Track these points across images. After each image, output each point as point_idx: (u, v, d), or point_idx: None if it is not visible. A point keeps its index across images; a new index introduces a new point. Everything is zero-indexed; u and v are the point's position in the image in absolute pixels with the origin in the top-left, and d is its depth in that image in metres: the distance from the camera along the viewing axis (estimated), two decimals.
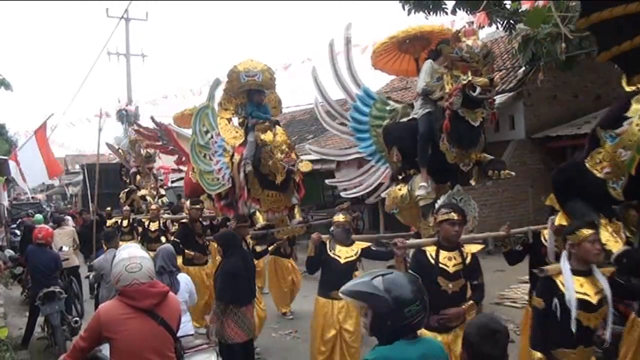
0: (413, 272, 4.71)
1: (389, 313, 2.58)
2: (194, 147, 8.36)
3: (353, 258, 6.30)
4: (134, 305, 3.50)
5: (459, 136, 6.00)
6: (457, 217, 4.69)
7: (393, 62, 7.37)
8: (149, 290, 3.56)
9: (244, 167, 7.78)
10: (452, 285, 4.69)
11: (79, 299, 9.68)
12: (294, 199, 8.25)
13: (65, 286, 8.45)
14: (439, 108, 6.26)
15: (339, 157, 7.67)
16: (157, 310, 3.56)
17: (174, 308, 3.73)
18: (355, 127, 7.03)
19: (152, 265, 3.73)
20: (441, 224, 4.76)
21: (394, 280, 2.63)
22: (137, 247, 3.89)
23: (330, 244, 6.31)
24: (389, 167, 6.93)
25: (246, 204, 8.04)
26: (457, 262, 4.74)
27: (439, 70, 6.22)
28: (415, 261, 4.81)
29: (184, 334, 4.45)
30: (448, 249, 4.77)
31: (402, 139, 6.50)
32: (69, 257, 10.23)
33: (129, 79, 27.46)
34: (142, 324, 3.49)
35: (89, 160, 30.86)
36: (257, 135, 7.90)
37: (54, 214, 17.70)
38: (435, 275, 4.68)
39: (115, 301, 3.58)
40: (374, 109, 6.89)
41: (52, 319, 7.48)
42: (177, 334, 3.76)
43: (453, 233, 4.69)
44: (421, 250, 4.86)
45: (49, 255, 8.13)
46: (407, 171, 6.49)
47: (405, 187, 6.44)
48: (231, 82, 8.25)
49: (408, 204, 6.41)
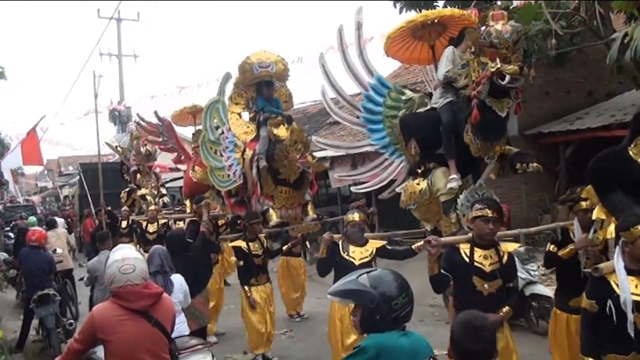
0: (445, 272, 4.42)
1: (377, 307, 2.68)
2: (204, 143, 8.12)
3: (368, 259, 5.91)
4: (128, 307, 3.49)
5: (485, 127, 5.62)
6: (491, 214, 4.33)
7: (406, 49, 6.94)
8: (142, 291, 3.56)
9: (257, 162, 7.48)
10: (488, 285, 4.34)
11: (74, 301, 9.71)
12: (307, 195, 7.95)
13: (60, 288, 8.39)
14: (461, 97, 5.87)
15: (350, 150, 7.27)
16: (151, 311, 3.56)
17: (168, 309, 3.74)
18: (368, 118, 6.60)
19: (145, 266, 3.72)
20: (474, 221, 4.39)
21: (379, 276, 2.77)
22: (131, 248, 3.91)
23: (344, 245, 5.91)
24: (404, 160, 6.53)
25: (259, 200, 7.72)
26: (494, 261, 4.39)
27: (464, 57, 5.82)
28: (448, 260, 4.44)
29: (178, 334, 4.45)
30: (483, 247, 4.42)
31: (421, 129, 6.09)
32: (63, 260, 10.02)
33: (121, 79, 26.91)
34: (136, 326, 3.48)
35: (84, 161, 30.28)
36: (270, 130, 7.63)
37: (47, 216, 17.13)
38: (471, 275, 4.34)
39: (109, 303, 3.57)
40: (389, 98, 6.46)
41: (47, 321, 7.44)
42: (171, 335, 3.78)
43: (487, 231, 4.33)
44: (454, 248, 4.49)
45: (42, 258, 8.08)
46: (426, 164, 6.10)
47: (424, 181, 6.03)
48: (244, 74, 7.97)
49: (427, 200, 6.01)
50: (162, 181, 15.92)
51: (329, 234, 5.92)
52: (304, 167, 7.58)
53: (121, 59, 26.95)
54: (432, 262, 4.33)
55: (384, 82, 6.52)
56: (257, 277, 7.14)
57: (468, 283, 4.34)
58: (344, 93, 6.79)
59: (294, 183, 7.66)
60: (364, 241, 5.92)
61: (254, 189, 7.85)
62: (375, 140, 6.56)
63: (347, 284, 2.83)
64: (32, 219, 13.09)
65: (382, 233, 6.56)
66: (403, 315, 2.70)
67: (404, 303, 2.69)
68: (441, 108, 5.94)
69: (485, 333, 2.62)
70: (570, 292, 4.96)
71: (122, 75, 27.03)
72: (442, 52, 6.41)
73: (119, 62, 26.92)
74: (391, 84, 6.55)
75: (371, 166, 6.82)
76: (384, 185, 6.92)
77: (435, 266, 4.34)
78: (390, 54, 7.02)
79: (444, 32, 6.67)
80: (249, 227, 7.11)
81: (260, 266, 7.19)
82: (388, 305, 2.67)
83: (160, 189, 15.00)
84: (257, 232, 7.14)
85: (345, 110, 7.43)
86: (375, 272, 2.81)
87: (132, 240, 11.33)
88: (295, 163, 7.45)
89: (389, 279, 2.76)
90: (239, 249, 7.09)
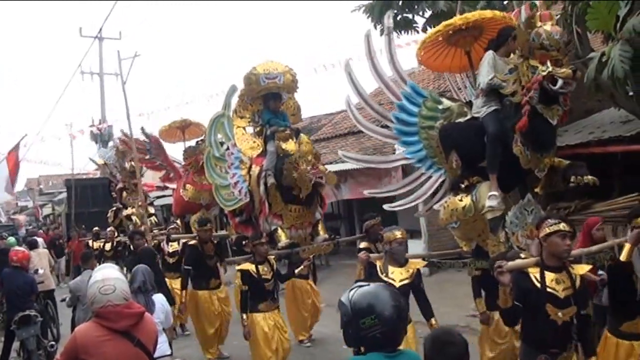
0: (518, 303, 4.02)
1: (348, 322, 2.71)
2: (209, 159, 7.81)
3: (408, 280, 5.55)
4: (110, 327, 3.54)
5: (536, 137, 5.23)
6: (568, 229, 3.97)
7: (440, 56, 6.60)
8: (124, 311, 3.61)
9: (265, 179, 7.16)
10: (562, 314, 3.97)
11: (55, 322, 9.74)
12: (317, 214, 7.59)
13: (41, 309, 8.44)
14: (506, 105, 5.49)
15: (382, 164, 6.88)
16: (134, 331, 3.62)
17: (151, 329, 3.81)
18: (401, 130, 6.19)
19: (126, 286, 3.76)
20: (548, 238, 4.01)
21: (367, 291, 2.73)
22: (113, 268, 3.96)
23: (383, 265, 5.54)
24: (442, 174, 6.14)
25: (267, 220, 7.34)
26: (567, 286, 4.02)
27: (511, 61, 5.45)
28: (518, 287, 4.04)
29: (161, 354, 4.50)
30: (554, 270, 4.05)
31: (464, 141, 5.67)
32: (45, 280, 10.14)
33: (102, 98, 27.04)
34: (119, 346, 3.53)
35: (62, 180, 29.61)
36: (278, 144, 7.34)
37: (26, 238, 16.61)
38: (543, 303, 3.95)
39: (92, 323, 3.62)
40: (424, 108, 6.05)
41: (28, 343, 7.53)
42: (153, 355, 3.82)
43: (565, 248, 3.97)
44: (523, 273, 4.10)
45: (24, 279, 8.07)
46: (469, 179, 5.71)
47: (467, 197, 5.61)
48: (249, 85, 7.66)
49: (472, 217, 5.59)
50: (151, 199, 15.43)
51: (365, 254, 5.54)
52: (316, 178, 7.20)
53: (102, 77, 27.02)
54: (506, 292, 3.94)
55: (418, 91, 6.12)
56: (265, 302, 6.74)
57: (540, 312, 3.97)
58: (373, 103, 6.40)
59: (305, 200, 7.32)
60: (404, 261, 5.58)
61: (261, 207, 7.52)
62: (410, 154, 6.14)
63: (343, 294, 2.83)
64: (11, 240, 12.90)
65: (418, 253, 6.12)
66: (373, 337, 2.64)
67: (372, 324, 2.63)
68: (485, 117, 5.54)
69: (452, 349, 2.60)
70: (624, 316, 4.66)
71: (103, 94, 27.13)
72: (480, 57, 6.09)
73: (101, 81, 27.05)
74: (427, 92, 6.15)
75: (406, 182, 6.41)
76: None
77: (509, 297, 3.95)
78: (423, 61, 6.68)
79: (480, 36, 6.32)
80: (254, 249, 6.75)
81: (270, 291, 6.79)
82: (356, 323, 2.67)
83: (148, 208, 14.46)
84: (263, 254, 6.77)
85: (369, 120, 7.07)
86: (368, 287, 2.78)
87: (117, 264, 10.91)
88: (306, 175, 7.10)
89: (371, 296, 2.71)
90: (246, 273, 6.68)
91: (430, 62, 6.77)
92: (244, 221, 8.12)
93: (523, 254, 4.86)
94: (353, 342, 2.74)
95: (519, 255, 4.72)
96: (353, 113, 6.68)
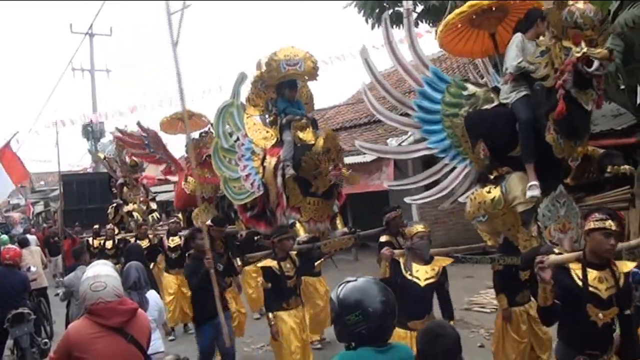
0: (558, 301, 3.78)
1: (335, 317, 2.78)
2: (216, 151, 7.65)
3: (434, 279, 5.30)
4: (103, 324, 3.58)
5: (571, 123, 4.94)
6: (614, 227, 3.71)
7: (462, 39, 6.32)
8: (117, 307, 3.65)
9: (283, 170, 6.96)
10: (603, 315, 3.76)
11: (48, 320, 9.95)
12: (335, 207, 7.36)
13: (34, 307, 8.54)
14: (537, 90, 5.22)
15: (401, 155, 6.62)
16: (127, 328, 3.66)
17: (144, 325, 3.86)
18: (423, 118, 5.91)
19: (118, 283, 3.78)
20: (591, 234, 3.76)
21: (354, 287, 2.77)
22: (105, 265, 3.95)
23: (406, 263, 5.29)
24: (467, 165, 5.88)
25: (285, 213, 7.14)
26: (610, 285, 3.79)
27: (542, 42, 5.18)
28: (559, 284, 3.79)
29: (154, 351, 4.51)
30: (598, 267, 3.80)
31: (492, 129, 5.39)
32: (37, 277, 10.24)
33: (94, 94, 27.04)
34: (112, 342, 3.57)
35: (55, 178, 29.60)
36: (296, 134, 7.14)
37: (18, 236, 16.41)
38: (584, 303, 3.72)
39: (85, 320, 3.66)
40: (448, 94, 5.78)
41: (22, 341, 7.59)
42: (147, 352, 3.86)
43: (608, 247, 3.72)
44: (563, 269, 3.86)
45: (17, 277, 8.12)
46: (498, 169, 5.44)
47: (496, 189, 5.33)
48: (269, 72, 7.45)
49: (501, 210, 5.33)
50: (152, 195, 15.22)
51: (389, 250, 5.29)
52: (336, 180, 7.01)
53: (94, 73, 27.09)
54: (547, 290, 3.69)
55: (441, 76, 5.85)
56: (288, 300, 6.50)
57: (580, 312, 3.76)
58: (392, 89, 6.14)
59: (324, 192, 7.14)
60: (429, 258, 5.32)
61: (279, 200, 7.33)
62: (433, 144, 5.87)
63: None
64: (3, 237, 12.85)
65: (443, 249, 5.87)
66: (358, 333, 2.69)
67: (357, 321, 2.67)
68: (515, 103, 5.26)
69: (443, 341, 2.65)
70: None
71: (94, 90, 27.10)
72: (505, 41, 5.82)
73: (92, 77, 27.10)
74: (450, 78, 5.88)
75: (428, 173, 6.15)
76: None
77: (550, 295, 3.70)
78: (444, 45, 6.40)
79: (504, 18, 6.06)
80: (279, 244, 6.45)
81: (293, 288, 6.55)
82: (342, 318, 2.72)
83: (149, 204, 14.28)
84: (288, 249, 6.51)
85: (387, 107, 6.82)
86: (356, 282, 2.80)
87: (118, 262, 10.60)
88: (327, 175, 6.88)
89: (358, 291, 2.75)
90: (268, 270, 6.42)
91: (451, 46, 6.50)
92: (256, 215, 7.96)
93: (557, 249, 4.60)
94: (343, 338, 2.81)
95: (552, 251, 4.46)
96: (370, 101, 6.41)
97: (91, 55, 26.96)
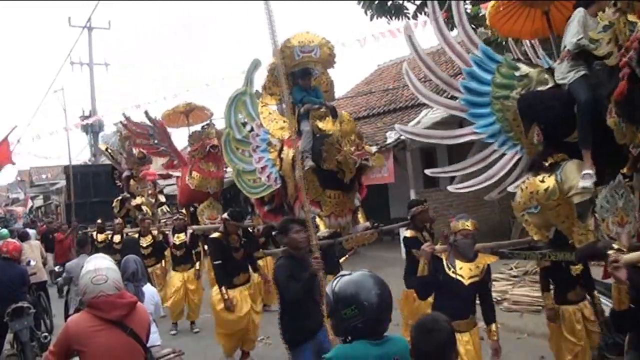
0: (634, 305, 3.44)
1: (330, 312, 2.84)
2: (228, 142, 7.39)
3: (479, 277, 4.99)
4: (102, 317, 3.61)
5: (634, 106, 4.57)
6: None
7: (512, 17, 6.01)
8: (117, 301, 3.68)
9: (303, 162, 6.66)
10: None
11: (48, 314, 10.04)
12: (356, 200, 7.11)
13: (34, 301, 8.64)
14: (596, 70, 4.85)
15: (445, 140, 6.28)
16: (126, 321, 3.69)
17: (143, 319, 3.88)
18: (471, 100, 5.58)
19: (118, 276, 3.82)
20: None
21: (350, 280, 2.81)
22: (104, 259, 3.96)
23: (449, 260, 4.99)
24: (518, 151, 5.53)
25: (303, 208, 6.85)
26: None
27: (605, 17, 4.81)
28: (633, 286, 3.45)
29: (150, 344, 4.50)
30: None
31: (548, 112, 5.03)
32: (37, 271, 10.31)
33: (92, 87, 27.11)
34: (112, 336, 3.60)
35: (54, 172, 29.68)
36: (314, 123, 6.87)
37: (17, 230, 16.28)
38: None
39: (84, 313, 3.70)
40: (498, 75, 5.44)
41: (21, 335, 7.66)
42: (147, 345, 3.90)
43: None
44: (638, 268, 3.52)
45: (16, 271, 8.16)
46: (554, 156, 5.07)
47: (551, 177, 4.96)
48: (283, 59, 7.10)
49: (555, 201, 4.97)
50: (160, 187, 15.00)
51: (429, 246, 4.98)
52: (361, 161, 6.70)
53: (92, 67, 27.13)
54: (623, 292, 3.37)
55: (491, 55, 5.52)
56: None
57: None
58: (438, 70, 5.81)
59: (345, 185, 6.89)
60: (473, 255, 5.00)
61: (297, 193, 7.06)
62: (481, 128, 5.55)
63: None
64: (3, 231, 12.61)
65: (486, 244, 5.52)
66: (355, 327, 2.73)
67: (353, 315, 2.71)
68: (574, 84, 4.90)
69: (438, 335, 2.66)
70: None
71: (93, 83, 27.16)
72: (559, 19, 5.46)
73: (90, 71, 27.14)
74: (502, 58, 5.53)
75: (474, 160, 5.81)
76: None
77: (625, 298, 3.37)
78: (494, 23, 6.09)
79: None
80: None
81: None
82: (339, 313, 2.77)
83: (158, 196, 14.13)
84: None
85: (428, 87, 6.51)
86: (351, 276, 2.85)
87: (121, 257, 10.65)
88: (350, 157, 6.62)
89: (353, 285, 2.79)
90: None
91: (500, 25, 6.20)
92: (274, 210, 7.74)
93: (615, 244, 4.25)
94: (338, 332, 2.87)
95: (611, 246, 4.13)
96: (413, 82, 6.07)
97: (90, 49, 27.05)
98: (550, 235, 5.49)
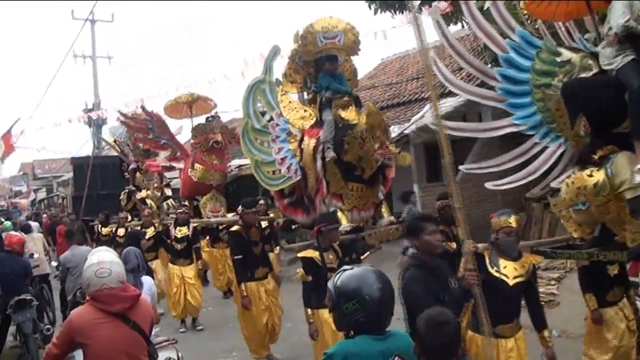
0: None
1: (333, 306, 2.88)
2: (246, 132, 7.16)
3: (524, 278, 4.68)
4: (105, 310, 3.65)
5: None
6: None
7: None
8: (120, 294, 3.72)
9: (323, 153, 6.54)
10: None
11: (51, 306, 10.14)
12: (380, 193, 6.89)
13: (36, 293, 8.78)
14: None
15: (481, 133, 5.97)
16: (129, 314, 3.73)
17: (146, 311, 3.93)
18: (508, 89, 5.25)
19: (122, 269, 3.84)
20: None
21: (352, 274, 2.85)
22: (108, 252, 4.03)
23: (492, 258, 4.68)
24: (561, 144, 5.21)
25: (324, 201, 6.67)
26: None
27: None
28: None
29: None
30: None
31: (595, 101, 4.69)
32: (40, 264, 10.41)
33: (95, 80, 26.98)
34: (115, 328, 3.65)
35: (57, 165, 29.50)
36: (337, 113, 6.66)
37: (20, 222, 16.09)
38: None
39: (87, 306, 3.73)
40: (538, 61, 5.10)
41: (24, 327, 7.73)
42: (149, 337, 3.94)
43: None
44: None
45: (19, 263, 8.26)
46: (603, 148, 4.74)
47: (600, 171, 4.62)
48: (305, 46, 6.93)
49: (605, 197, 4.63)
50: (167, 180, 14.74)
51: (473, 244, 4.66)
52: (383, 161, 6.48)
53: (95, 60, 27.02)
54: None
55: (530, 40, 5.17)
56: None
57: None
58: (470, 57, 5.48)
59: (369, 178, 6.68)
60: (517, 254, 4.68)
61: (318, 186, 6.86)
62: (520, 119, 5.23)
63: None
64: (7, 224, 12.83)
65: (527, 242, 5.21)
66: (356, 320, 2.77)
67: (355, 309, 2.75)
68: (623, 69, 4.55)
69: (447, 329, 2.67)
70: None
71: (96, 76, 27.02)
72: None
73: (93, 64, 27.00)
74: (541, 42, 5.19)
75: (514, 154, 5.49)
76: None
77: None
78: (527, 4, 5.74)
79: None
80: (326, 234, 5.83)
81: None
82: (341, 307, 2.80)
83: (164, 190, 13.95)
84: (334, 240, 5.93)
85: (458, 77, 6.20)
86: (353, 270, 2.89)
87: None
88: (372, 155, 6.39)
89: (355, 280, 2.82)
90: (310, 261, 5.84)
91: (533, 7, 5.79)
92: (294, 203, 7.48)
93: None
94: (341, 326, 2.91)
95: None
96: (442, 71, 5.74)
97: (93, 42, 26.86)
98: (595, 232, 5.21)
